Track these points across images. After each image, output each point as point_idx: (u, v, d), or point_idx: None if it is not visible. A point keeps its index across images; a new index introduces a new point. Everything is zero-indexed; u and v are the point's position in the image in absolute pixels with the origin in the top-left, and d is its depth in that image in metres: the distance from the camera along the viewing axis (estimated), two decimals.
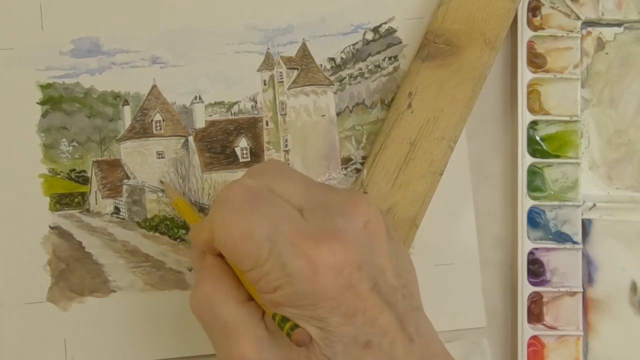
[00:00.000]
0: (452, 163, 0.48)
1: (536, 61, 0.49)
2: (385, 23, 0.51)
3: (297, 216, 0.35)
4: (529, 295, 0.48)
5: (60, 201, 0.50)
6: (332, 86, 0.51)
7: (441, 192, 0.48)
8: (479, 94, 0.48)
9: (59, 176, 0.50)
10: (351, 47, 0.51)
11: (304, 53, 0.51)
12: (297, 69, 0.51)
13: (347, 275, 0.33)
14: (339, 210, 0.35)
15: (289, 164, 0.51)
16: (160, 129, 0.51)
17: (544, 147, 0.49)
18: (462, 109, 0.47)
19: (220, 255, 0.38)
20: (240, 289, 0.37)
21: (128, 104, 0.50)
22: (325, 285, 0.32)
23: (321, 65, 0.51)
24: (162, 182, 0.49)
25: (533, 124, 0.49)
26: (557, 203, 0.49)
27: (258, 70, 0.51)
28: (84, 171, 0.50)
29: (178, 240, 0.50)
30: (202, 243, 0.38)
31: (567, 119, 0.49)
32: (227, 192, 0.35)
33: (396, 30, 0.51)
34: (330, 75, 0.51)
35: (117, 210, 0.50)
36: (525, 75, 0.49)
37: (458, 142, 0.47)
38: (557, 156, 0.49)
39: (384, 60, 0.51)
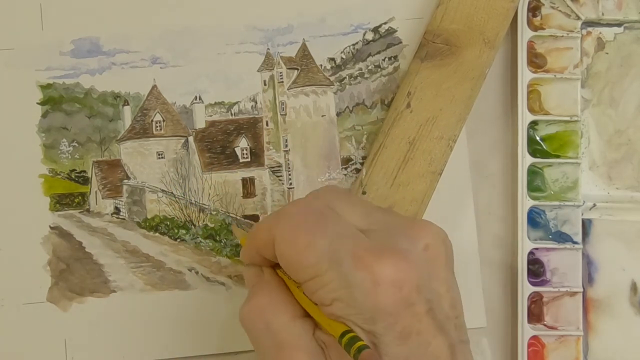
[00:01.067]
0: (452, 163, 0.48)
1: (536, 61, 0.49)
2: (385, 23, 0.51)
3: (359, 234, 0.35)
4: (529, 295, 0.48)
5: (61, 201, 0.50)
6: (332, 86, 0.51)
7: (441, 192, 0.48)
8: (477, 93, 0.48)
9: (59, 176, 0.50)
10: (351, 47, 0.51)
11: (304, 53, 0.51)
12: (297, 69, 0.51)
13: (407, 294, 0.33)
14: (401, 231, 0.35)
15: (289, 164, 0.51)
16: (161, 129, 0.51)
17: (544, 147, 0.49)
18: (461, 109, 0.47)
19: (273, 268, 0.39)
20: (295, 304, 0.37)
21: (128, 104, 0.51)
22: (385, 300, 0.32)
23: (321, 65, 0.51)
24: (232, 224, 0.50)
25: (533, 124, 0.49)
26: (557, 203, 0.49)
27: (258, 71, 0.51)
28: (84, 171, 0.50)
29: (178, 240, 0.50)
30: (254, 252, 0.39)
31: (567, 119, 0.49)
32: (290, 207, 0.37)
33: (396, 31, 0.51)
34: (330, 76, 0.51)
35: (117, 210, 0.50)
36: (525, 75, 0.49)
37: (458, 141, 0.47)
38: (557, 156, 0.49)
39: (384, 60, 0.51)
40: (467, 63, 0.47)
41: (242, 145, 0.51)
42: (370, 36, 0.51)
